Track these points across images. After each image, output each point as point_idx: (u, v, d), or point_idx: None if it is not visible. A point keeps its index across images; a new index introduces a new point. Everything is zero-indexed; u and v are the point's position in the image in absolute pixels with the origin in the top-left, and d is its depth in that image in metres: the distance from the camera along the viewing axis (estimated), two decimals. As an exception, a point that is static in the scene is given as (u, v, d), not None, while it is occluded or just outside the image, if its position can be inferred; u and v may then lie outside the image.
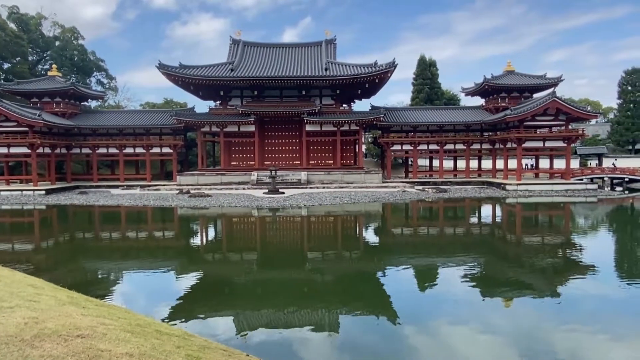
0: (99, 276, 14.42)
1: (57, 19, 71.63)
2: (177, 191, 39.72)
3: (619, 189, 47.00)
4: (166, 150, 49.71)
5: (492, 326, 9.60)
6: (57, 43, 65.85)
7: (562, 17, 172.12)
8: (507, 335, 9.13)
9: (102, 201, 34.68)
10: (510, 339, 8.99)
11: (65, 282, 10.69)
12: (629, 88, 69.49)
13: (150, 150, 49.43)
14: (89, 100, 56.68)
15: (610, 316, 10.24)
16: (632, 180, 49.52)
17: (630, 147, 70.49)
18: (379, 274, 14.44)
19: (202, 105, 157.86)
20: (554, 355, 8.16)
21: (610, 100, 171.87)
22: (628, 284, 13.12)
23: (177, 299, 11.51)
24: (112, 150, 49.51)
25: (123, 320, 5.72)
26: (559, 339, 8.95)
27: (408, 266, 15.39)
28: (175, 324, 9.23)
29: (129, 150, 49.54)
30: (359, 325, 9.87)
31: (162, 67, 44.72)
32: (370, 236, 22.41)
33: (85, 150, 49.58)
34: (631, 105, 68.94)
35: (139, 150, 49.51)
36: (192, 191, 38.67)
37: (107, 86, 72.93)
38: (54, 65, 52.80)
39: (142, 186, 44.94)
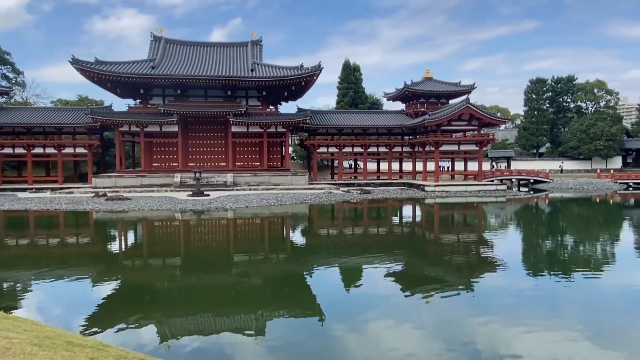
0: (3, 287, 13.26)
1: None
2: (93, 194, 37.44)
3: (524, 189, 51.10)
4: (80, 150, 46.89)
5: (413, 320, 10.05)
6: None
7: (478, 29, 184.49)
8: (428, 328, 9.61)
9: (7, 205, 32.06)
10: (432, 330, 9.48)
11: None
12: (534, 96, 75.86)
13: (63, 151, 46.35)
14: (-8, 95, 52.01)
15: (519, 307, 11.11)
16: (536, 182, 54.14)
17: (534, 151, 76.85)
18: (306, 274, 14.59)
19: (120, 104, 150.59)
20: (471, 343, 8.72)
21: (518, 107, 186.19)
22: (533, 276, 14.34)
23: (94, 309, 10.88)
24: (19, 151, 45.93)
25: (30, 333, 5.34)
26: (475, 328, 9.58)
27: (334, 266, 15.68)
28: (91, 335, 8.74)
29: (39, 150, 46.23)
30: (287, 326, 9.90)
31: (75, 63, 42.06)
32: (296, 237, 22.55)
33: (-13, 151, 45.49)
34: (535, 112, 75.27)
35: (50, 150, 46.31)
36: (109, 194, 36.64)
37: (13, 81, 67.07)
38: (-52, 57, 47.86)
39: (53, 189, 41.96)
